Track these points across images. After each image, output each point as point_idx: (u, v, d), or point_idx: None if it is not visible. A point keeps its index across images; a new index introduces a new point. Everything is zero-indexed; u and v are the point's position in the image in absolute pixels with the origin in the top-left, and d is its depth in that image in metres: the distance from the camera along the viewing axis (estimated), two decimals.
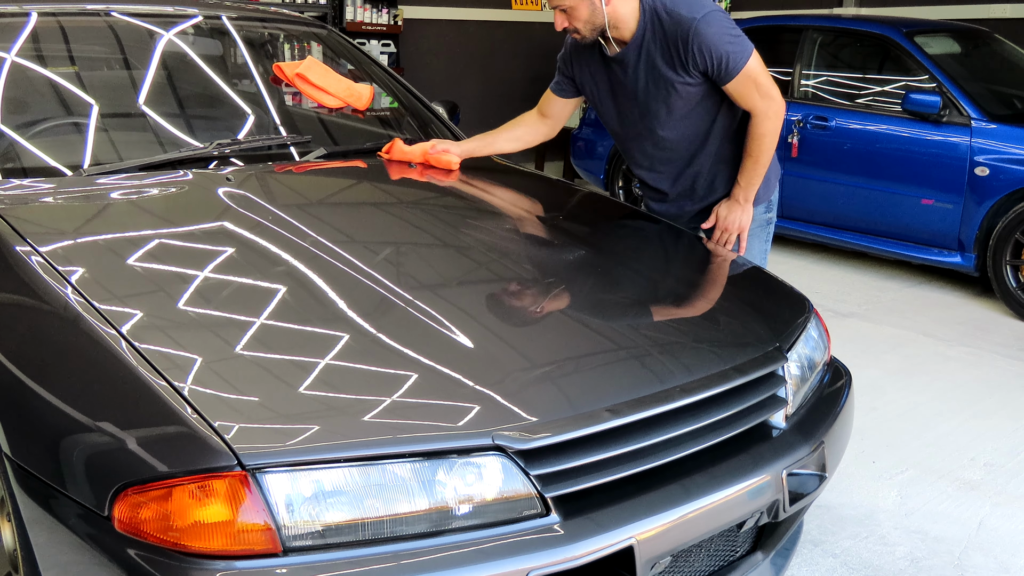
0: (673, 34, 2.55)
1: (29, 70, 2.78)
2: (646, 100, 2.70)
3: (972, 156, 4.99)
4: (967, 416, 3.68)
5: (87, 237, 2.18)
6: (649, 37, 2.60)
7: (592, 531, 1.65)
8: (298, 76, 3.18)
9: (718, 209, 2.81)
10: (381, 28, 7.54)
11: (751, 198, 2.78)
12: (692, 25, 2.51)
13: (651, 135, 2.76)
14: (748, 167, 2.72)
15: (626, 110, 2.78)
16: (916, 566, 2.66)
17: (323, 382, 1.70)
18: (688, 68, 2.58)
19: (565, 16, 2.60)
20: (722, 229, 2.80)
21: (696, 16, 2.52)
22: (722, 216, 2.79)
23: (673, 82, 2.62)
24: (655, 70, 2.62)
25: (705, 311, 2.31)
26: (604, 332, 2.04)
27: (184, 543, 1.48)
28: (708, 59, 2.54)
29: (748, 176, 2.73)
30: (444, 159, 2.91)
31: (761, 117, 2.63)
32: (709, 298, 2.43)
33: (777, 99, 2.63)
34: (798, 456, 2.00)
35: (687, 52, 2.55)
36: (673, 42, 2.56)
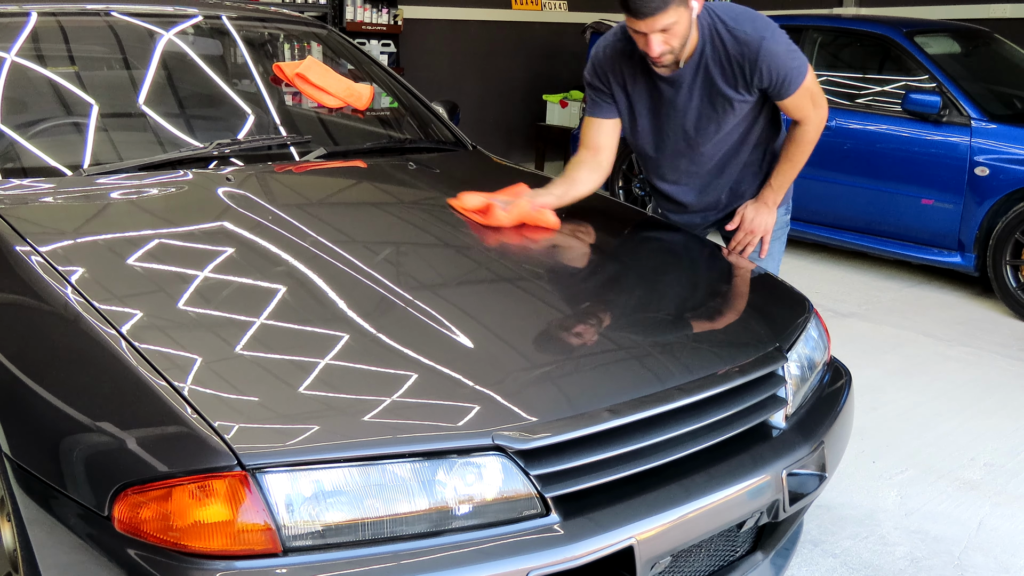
0: (738, 53, 2.46)
1: (29, 70, 2.78)
2: (697, 118, 2.60)
3: (972, 156, 4.99)
4: (967, 416, 3.68)
5: (87, 237, 2.18)
6: (709, 55, 2.49)
7: (592, 531, 1.65)
8: (298, 76, 3.18)
9: (744, 211, 2.77)
10: (381, 28, 7.54)
11: (779, 201, 2.77)
12: (760, 44, 2.44)
13: (690, 152, 2.68)
14: (786, 170, 2.71)
15: (668, 128, 2.65)
16: (916, 566, 2.66)
17: (323, 382, 1.70)
18: (750, 86, 2.51)
19: (665, 36, 2.36)
20: (747, 231, 2.77)
21: (764, 35, 2.44)
22: (748, 218, 2.76)
23: (732, 100, 2.54)
24: (713, 88, 2.52)
25: (705, 311, 2.31)
26: (604, 332, 2.04)
27: (184, 543, 1.48)
28: (773, 77, 2.48)
29: (783, 179, 2.72)
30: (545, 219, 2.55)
31: (810, 125, 2.62)
32: (709, 298, 2.43)
33: (825, 107, 2.62)
34: (798, 456, 2.00)
35: (753, 71, 2.47)
36: (737, 60, 2.47)
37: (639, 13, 2.31)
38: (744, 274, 2.60)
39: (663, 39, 2.37)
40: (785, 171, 2.71)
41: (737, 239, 2.79)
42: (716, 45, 2.48)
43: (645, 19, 2.32)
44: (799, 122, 2.63)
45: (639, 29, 2.36)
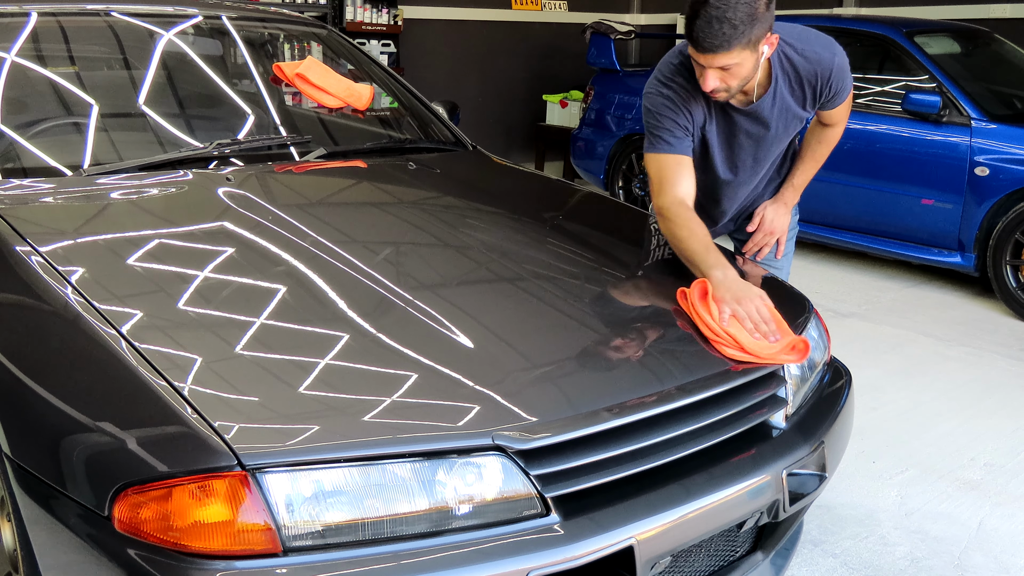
0: (810, 73, 2.45)
1: (29, 70, 2.78)
2: (769, 145, 2.57)
3: (972, 156, 4.99)
4: (967, 416, 3.68)
5: (87, 237, 2.18)
6: (782, 81, 2.46)
7: (592, 531, 1.65)
8: (298, 76, 3.19)
9: (764, 212, 2.76)
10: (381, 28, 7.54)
11: (796, 201, 2.78)
12: (834, 61, 2.46)
13: (752, 178, 2.65)
14: (810, 169, 2.73)
15: (739, 160, 2.59)
16: (916, 566, 2.66)
17: (323, 382, 1.70)
18: (817, 102, 2.52)
19: (722, 74, 2.28)
20: (767, 232, 2.76)
21: (835, 52, 2.46)
22: (768, 219, 2.75)
23: (801, 118, 2.55)
24: (789, 112, 2.50)
25: None
26: (604, 332, 2.05)
27: (184, 543, 1.49)
28: (838, 89, 2.50)
29: (805, 179, 2.74)
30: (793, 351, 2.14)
31: (842, 126, 2.66)
32: None
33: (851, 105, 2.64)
34: (798, 456, 2.00)
35: (824, 87, 2.48)
36: (809, 80, 2.46)
37: (700, 47, 2.22)
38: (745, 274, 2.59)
39: (720, 76, 2.28)
40: (810, 170, 2.73)
41: (755, 240, 2.79)
42: (787, 70, 2.45)
43: (707, 54, 2.23)
44: (832, 125, 2.65)
45: (699, 61, 2.28)
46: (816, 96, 2.50)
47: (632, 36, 7.19)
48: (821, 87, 2.48)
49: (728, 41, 2.19)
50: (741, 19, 2.18)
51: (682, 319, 2.20)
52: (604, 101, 6.70)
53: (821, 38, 2.50)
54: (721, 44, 2.19)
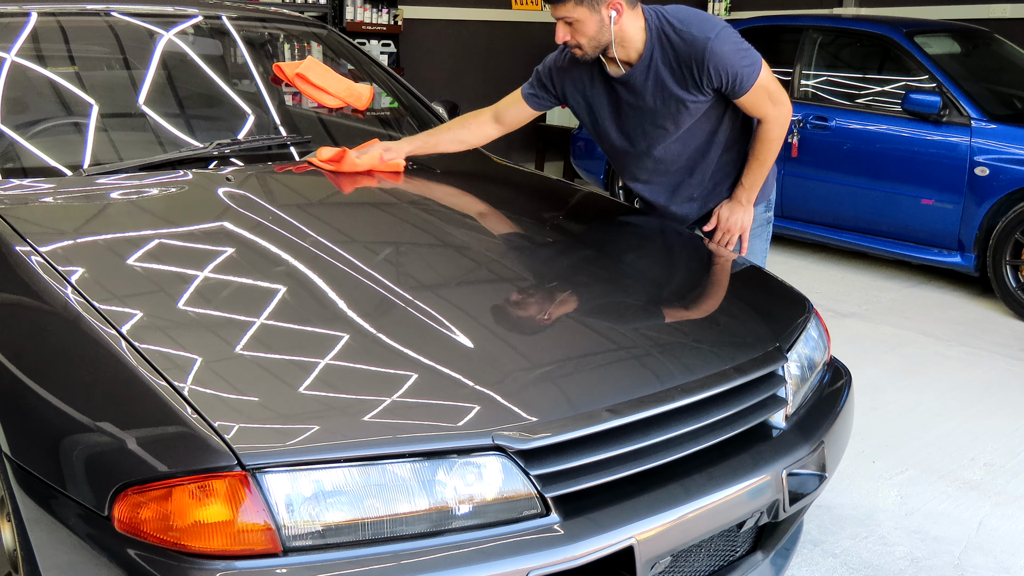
0: (686, 55, 2.50)
1: (29, 70, 2.78)
2: (653, 119, 2.65)
3: (972, 156, 4.99)
4: (967, 416, 3.68)
5: (87, 237, 2.18)
6: (658, 57, 2.53)
7: (592, 531, 1.65)
8: (298, 76, 3.18)
9: (719, 211, 2.81)
10: (381, 28, 7.54)
11: (753, 199, 2.79)
12: (707, 45, 2.47)
13: (653, 152, 2.72)
14: (754, 169, 2.73)
15: (629, 129, 2.71)
16: (916, 566, 2.66)
17: (323, 382, 1.70)
18: (701, 86, 2.55)
19: (569, 29, 2.50)
20: (724, 230, 2.81)
21: (710, 36, 2.48)
22: (724, 217, 2.80)
23: (684, 100, 2.58)
24: (665, 90, 2.57)
25: (705, 311, 2.31)
26: (604, 332, 2.04)
27: (184, 543, 1.48)
28: (724, 77, 2.51)
29: (753, 178, 2.74)
30: (393, 164, 2.82)
31: (772, 123, 2.64)
32: (709, 298, 2.43)
33: (786, 103, 2.64)
34: (798, 456, 2.00)
35: (701, 72, 2.51)
36: (686, 62, 2.51)
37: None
38: (744, 274, 2.60)
39: (568, 31, 2.51)
40: (754, 169, 2.74)
41: (716, 239, 2.83)
42: (665, 47, 2.54)
43: (550, 5, 2.49)
44: (763, 120, 2.65)
45: (551, 16, 2.52)
46: (698, 80, 2.54)
47: None
48: (698, 71, 2.52)
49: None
50: None
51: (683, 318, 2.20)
52: None
53: (705, 21, 2.52)
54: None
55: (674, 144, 2.70)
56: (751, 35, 5.82)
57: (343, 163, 2.74)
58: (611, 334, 2.04)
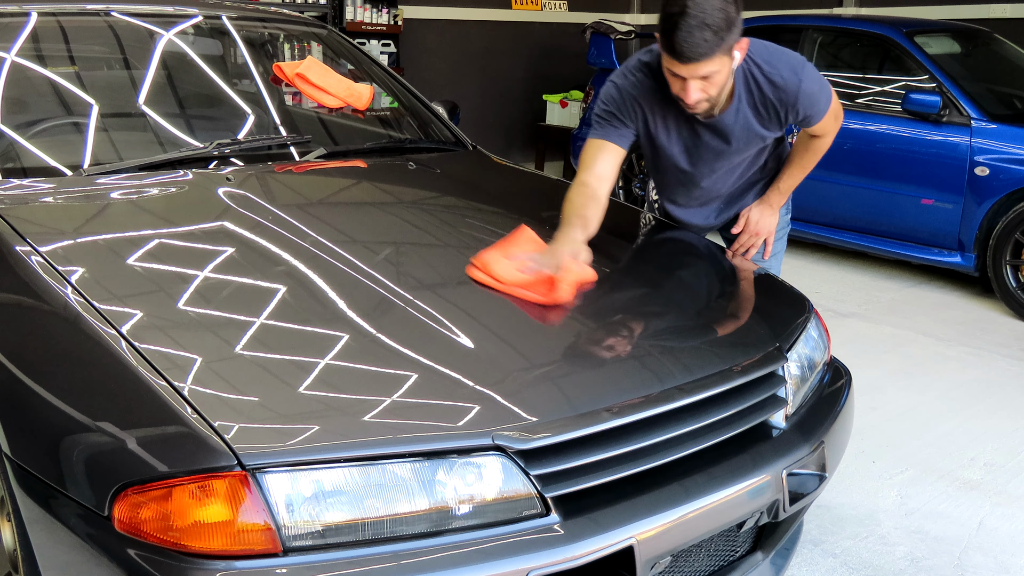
0: (775, 97, 2.43)
1: (29, 70, 2.78)
2: (729, 157, 2.59)
3: (972, 156, 4.99)
4: (967, 416, 3.68)
5: (87, 237, 2.18)
6: (745, 99, 2.45)
7: (592, 531, 1.65)
8: (298, 76, 3.19)
9: (748, 213, 2.77)
10: (381, 28, 7.54)
11: (783, 203, 2.78)
12: (799, 88, 2.41)
13: (712, 185, 2.67)
14: (796, 174, 2.72)
15: (697, 162, 2.60)
16: (916, 566, 2.66)
17: (323, 382, 1.70)
18: (782, 123, 2.51)
19: (703, 85, 2.28)
20: (752, 233, 2.78)
21: (801, 78, 2.41)
22: (753, 220, 2.77)
23: (765, 137, 2.55)
24: (751, 131, 2.51)
25: (705, 311, 2.31)
26: (604, 332, 2.04)
27: (184, 543, 1.48)
28: (807, 112, 2.48)
29: (791, 182, 2.74)
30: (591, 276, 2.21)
31: (829, 137, 2.63)
32: (709, 298, 2.43)
33: (842, 116, 2.62)
34: (798, 456, 2.00)
35: (788, 111, 2.46)
36: (773, 103, 2.45)
37: (683, 57, 2.21)
38: (744, 274, 2.60)
39: (701, 86, 2.29)
40: (795, 175, 2.73)
41: (741, 241, 2.80)
42: (752, 88, 2.44)
43: (688, 64, 2.22)
44: (820, 136, 2.63)
45: (679, 73, 2.26)
46: (782, 120, 2.50)
47: (632, 36, 7.19)
48: (787, 112, 2.47)
49: (711, 48, 2.19)
50: (720, 25, 2.17)
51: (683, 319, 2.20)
52: None
53: (791, 60, 2.45)
54: (705, 52, 2.19)
55: (726, 175, 2.66)
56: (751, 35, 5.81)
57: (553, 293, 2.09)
58: (611, 334, 2.04)
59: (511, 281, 2.10)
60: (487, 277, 2.11)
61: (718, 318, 2.27)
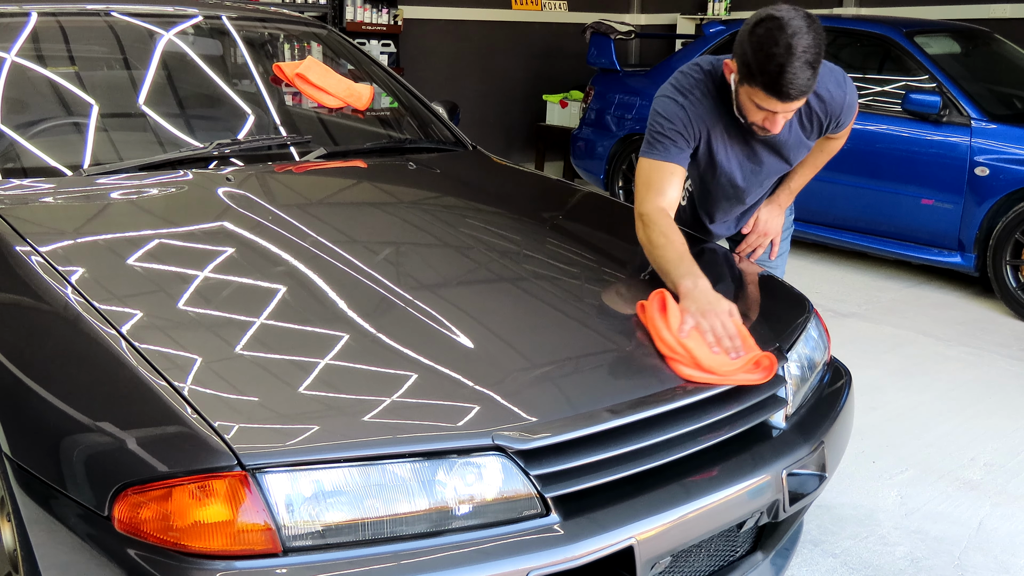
0: (821, 109, 2.46)
1: (29, 70, 2.78)
2: (778, 170, 2.62)
3: (972, 156, 4.99)
4: (967, 416, 3.68)
5: (87, 237, 2.18)
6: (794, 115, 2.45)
7: (592, 531, 1.65)
8: (298, 76, 3.19)
9: (759, 214, 2.78)
10: (381, 28, 7.54)
11: (790, 203, 2.83)
12: (844, 100, 2.47)
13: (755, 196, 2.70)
14: (808, 174, 2.76)
15: (748, 177, 2.59)
16: (916, 566, 2.66)
17: (323, 382, 1.70)
18: (822, 131, 2.53)
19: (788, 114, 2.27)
20: (761, 233, 2.79)
21: (845, 92, 2.47)
22: (763, 220, 2.79)
23: (808, 147, 2.58)
24: (799, 142, 2.53)
25: None
26: (604, 332, 2.04)
27: (184, 543, 1.49)
28: (846, 120, 2.53)
29: (802, 183, 2.77)
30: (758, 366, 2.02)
31: (843, 139, 2.69)
32: None
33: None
34: (798, 456, 2.00)
35: (832, 120, 2.50)
36: (820, 115, 2.48)
37: (788, 97, 2.17)
38: (744, 274, 2.60)
39: (787, 115, 2.27)
40: (807, 175, 2.77)
41: (749, 242, 2.81)
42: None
43: (788, 102, 2.19)
44: (835, 139, 2.68)
45: (775, 110, 2.23)
46: (823, 129, 2.54)
47: (632, 36, 7.19)
48: (830, 122, 2.52)
49: (812, 84, 2.18)
50: (818, 59, 2.16)
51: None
52: (604, 101, 6.70)
53: (835, 74, 2.48)
54: (807, 89, 2.17)
55: (764, 185, 2.69)
56: None
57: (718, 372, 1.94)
58: (611, 334, 2.04)
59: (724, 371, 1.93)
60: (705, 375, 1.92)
61: None
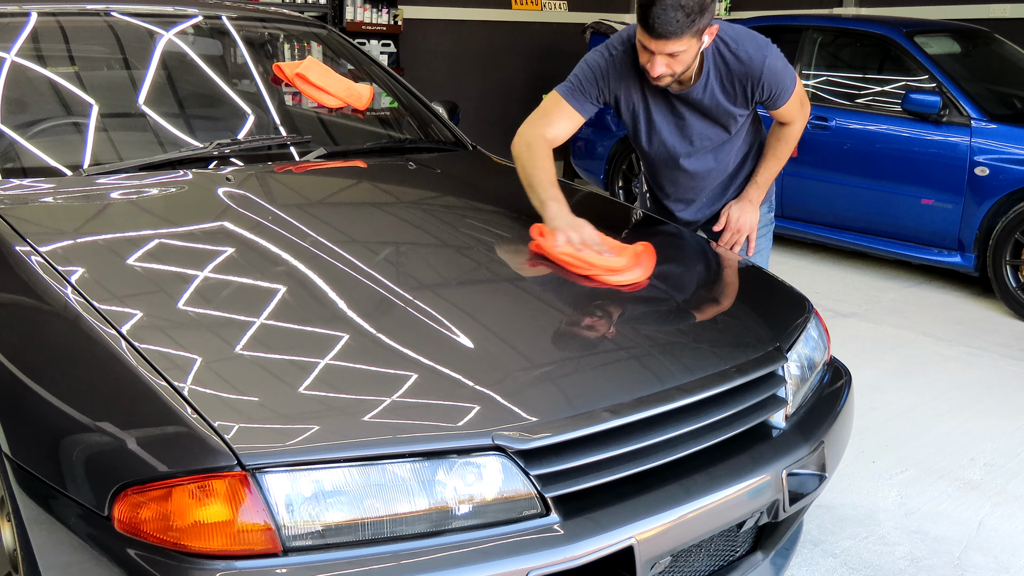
0: (741, 72, 2.54)
1: (29, 70, 2.78)
2: (702, 132, 2.68)
3: (972, 156, 4.99)
4: (967, 416, 3.68)
5: (87, 237, 2.18)
6: (713, 75, 2.56)
7: (592, 531, 1.65)
8: (298, 76, 3.18)
9: (728, 211, 2.83)
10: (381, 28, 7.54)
11: (762, 198, 2.83)
12: (764, 63, 2.53)
13: (689, 165, 2.75)
14: (772, 167, 2.79)
15: (675, 140, 2.71)
16: (916, 566, 2.66)
17: (323, 382, 1.70)
18: (749, 101, 2.61)
19: (669, 61, 2.40)
20: (734, 230, 2.83)
21: (766, 55, 2.53)
22: (734, 218, 2.82)
23: (734, 114, 2.63)
24: (719, 106, 2.60)
25: (705, 311, 2.31)
26: (604, 332, 2.05)
27: (184, 543, 1.49)
28: (772, 90, 2.58)
29: (768, 175, 2.80)
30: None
31: (798, 124, 2.73)
32: (709, 298, 2.43)
33: (809, 105, 2.74)
34: (798, 456, 2.00)
35: (754, 87, 2.57)
36: (740, 79, 2.56)
37: (655, 33, 2.32)
38: (744, 274, 2.60)
39: (667, 63, 2.39)
40: (771, 167, 2.80)
41: (724, 239, 2.85)
42: (719, 65, 2.56)
43: (658, 40, 2.34)
44: (788, 123, 2.73)
45: (648, 47, 2.38)
46: (748, 96, 2.59)
47: None
48: (752, 87, 2.57)
49: (681, 29, 2.31)
50: (694, 8, 2.29)
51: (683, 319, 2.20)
52: None
53: (756, 39, 2.57)
54: (675, 31, 2.31)
55: (708, 157, 2.74)
56: None
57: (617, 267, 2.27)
58: (611, 334, 2.04)
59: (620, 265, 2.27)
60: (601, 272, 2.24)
61: (718, 318, 2.27)
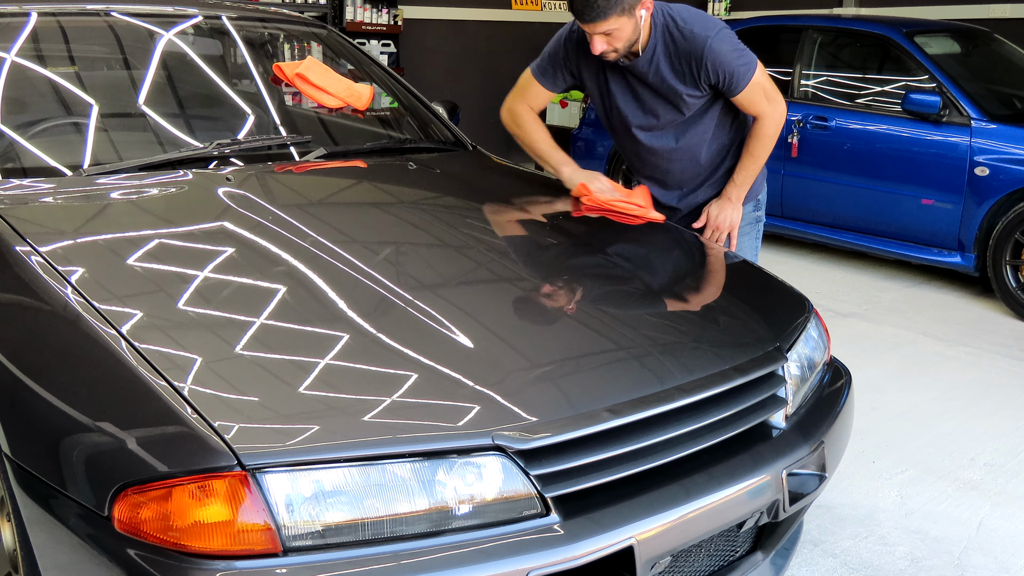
0: (686, 51, 2.62)
1: (29, 70, 2.78)
2: (652, 106, 2.75)
3: (972, 156, 4.99)
4: (967, 416, 3.68)
5: (87, 237, 2.18)
6: (660, 51, 2.65)
7: (592, 531, 1.65)
8: (298, 76, 3.18)
9: (709, 208, 2.87)
10: (381, 28, 7.54)
11: (743, 197, 2.86)
12: (706, 43, 2.59)
13: (647, 140, 2.82)
14: (748, 165, 2.80)
15: (630, 113, 2.81)
16: (916, 566, 2.66)
17: (323, 382, 1.70)
18: (699, 82, 2.66)
19: (607, 39, 2.57)
20: (713, 228, 2.86)
21: (709, 35, 2.59)
22: (713, 215, 2.85)
23: (681, 94, 2.69)
24: (664, 82, 2.68)
25: (705, 311, 2.31)
26: (604, 332, 2.04)
27: (184, 543, 1.48)
28: (720, 75, 2.63)
29: (745, 175, 2.81)
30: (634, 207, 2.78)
31: (767, 120, 2.74)
32: (709, 298, 2.43)
33: (781, 102, 2.75)
34: (798, 456, 2.00)
35: (700, 68, 2.63)
36: (686, 58, 2.63)
37: (581, 17, 2.53)
38: (744, 274, 2.60)
39: (605, 40, 2.56)
40: (747, 166, 2.82)
41: (704, 237, 2.87)
42: (667, 42, 2.64)
43: (587, 24, 2.53)
44: (757, 117, 2.76)
45: (585, 28, 2.57)
46: (696, 77, 2.65)
47: None
48: (696, 67, 2.63)
49: (603, 12, 2.48)
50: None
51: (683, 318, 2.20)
52: None
53: (706, 21, 2.65)
54: (598, 15, 2.49)
55: (668, 136, 2.79)
56: (751, 35, 5.82)
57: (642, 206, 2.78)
58: (611, 334, 2.04)
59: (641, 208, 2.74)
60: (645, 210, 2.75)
61: (718, 318, 2.27)
